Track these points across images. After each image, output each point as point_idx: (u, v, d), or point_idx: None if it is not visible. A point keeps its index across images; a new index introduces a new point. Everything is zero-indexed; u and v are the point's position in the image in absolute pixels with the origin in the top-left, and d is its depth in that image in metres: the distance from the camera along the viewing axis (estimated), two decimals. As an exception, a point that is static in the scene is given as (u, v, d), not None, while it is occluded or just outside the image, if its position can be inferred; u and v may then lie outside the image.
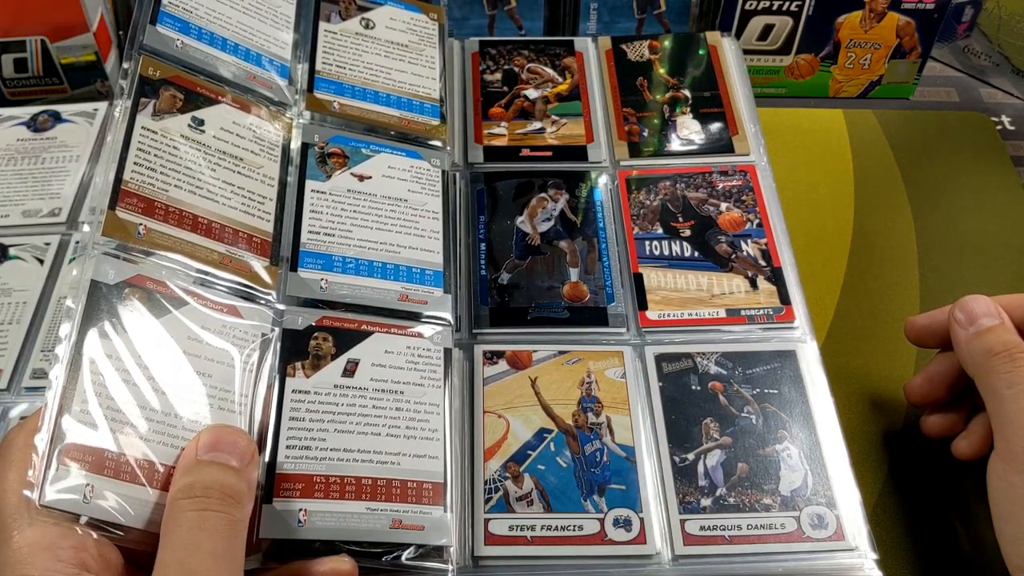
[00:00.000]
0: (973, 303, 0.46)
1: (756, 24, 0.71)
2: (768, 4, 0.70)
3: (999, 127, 0.72)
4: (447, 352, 0.48)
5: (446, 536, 0.42)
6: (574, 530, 0.45)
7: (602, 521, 0.45)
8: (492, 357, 0.51)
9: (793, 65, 0.74)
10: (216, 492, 0.36)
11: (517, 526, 0.45)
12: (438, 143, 0.56)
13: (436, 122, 0.56)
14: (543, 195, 0.58)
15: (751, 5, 0.70)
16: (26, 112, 0.65)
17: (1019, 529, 0.41)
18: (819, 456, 0.47)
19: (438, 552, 0.42)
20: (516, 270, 0.55)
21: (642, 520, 0.45)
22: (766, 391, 0.49)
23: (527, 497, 0.46)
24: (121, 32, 0.71)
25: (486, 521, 0.45)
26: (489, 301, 0.53)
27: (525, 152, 0.60)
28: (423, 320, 0.48)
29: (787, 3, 0.70)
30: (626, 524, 0.45)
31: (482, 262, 0.55)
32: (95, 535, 0.35)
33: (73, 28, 0.66)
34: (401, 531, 0.41)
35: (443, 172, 0.55)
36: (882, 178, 0.67)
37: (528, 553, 0.44)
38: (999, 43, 0.76)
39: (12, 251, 0.56)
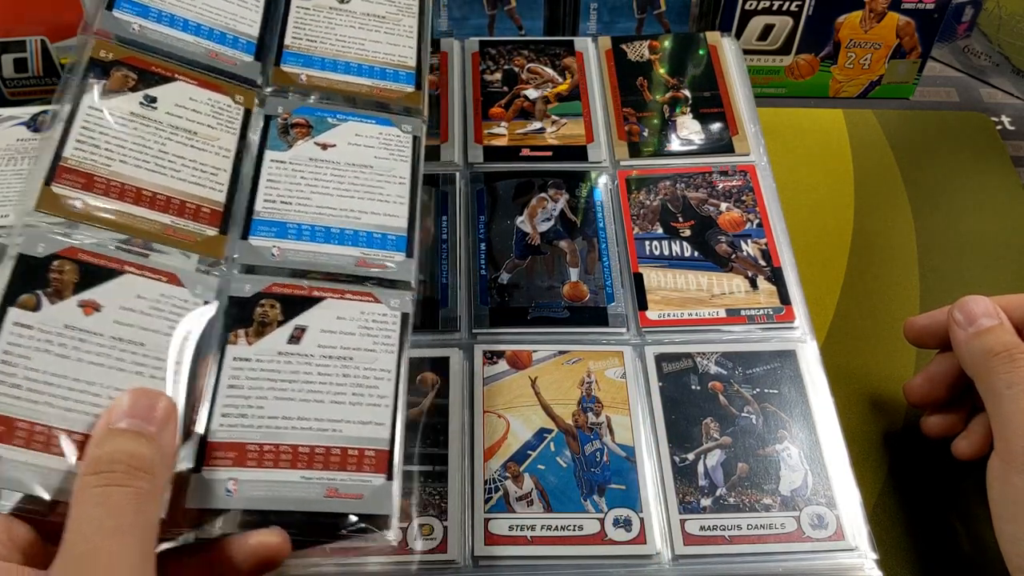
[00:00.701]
0: (972, 303, 0.46)
1: (756, 24, 0.71)
2: (768, 4, 0.70)
3: (999, 127, 0.72)
4: (404, 316, 0.46)
5: (387, 505, 0.40)
6: (574, 530, 0.45)
7: (602, 521, 0.45)
8: (492, 357, 0.51)
9: (793, 65, 0.74)
10: (121, 465, 0.34)
11: (517, 526, 0.45)
12: (412, 109, 0.54)
13: (410, 89, 0.54)
14: (543, 195, 0.58)
15: (751, 5, 0.70)
16: (26, 112, 0.65)
17: (1019, 529, 0.41)
18: (819, 456, 0.47)
19: (383, 523, 0.40)
20: (516, 270, 0.55)
21: (642, 520, 0.45)
22: (766, 391, 0.50)
23: (527, 497, 0.46)
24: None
25: (486, 521, 0.45)
26: (489, 301, 0.53)
27: (525, 152, 0.60)
28: (382, 284, 0.47)
29: (787, 3, 0.70)
30: (626, 524, 0.45)
31: (482, 262, 0.55)
32: None
33: (73, 28, 0.65)
34: (337, 500, 0.40)
35: (414, 138, 0.53)
36: (882, 178, 0.67)
37: (528, 553, 0.44)
38: (999, 43, 0.76)
39: (12, 251, 0.56)
